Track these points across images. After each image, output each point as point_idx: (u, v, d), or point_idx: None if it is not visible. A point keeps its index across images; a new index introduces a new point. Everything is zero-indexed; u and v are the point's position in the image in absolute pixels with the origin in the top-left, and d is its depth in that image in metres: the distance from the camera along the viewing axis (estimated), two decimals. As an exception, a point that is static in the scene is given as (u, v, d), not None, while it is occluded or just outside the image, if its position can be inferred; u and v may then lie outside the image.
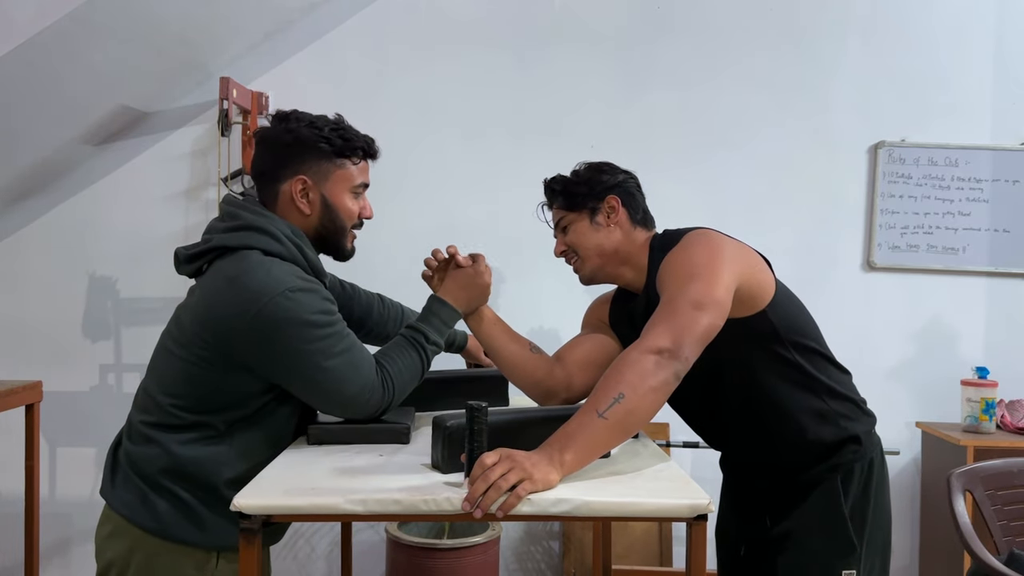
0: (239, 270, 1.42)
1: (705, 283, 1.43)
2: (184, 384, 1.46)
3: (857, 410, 1.63)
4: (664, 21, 3.02)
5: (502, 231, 2.97)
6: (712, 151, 3.02)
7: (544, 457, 1.24)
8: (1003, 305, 3.05)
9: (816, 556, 1.57)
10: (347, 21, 3.00)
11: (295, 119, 1.52)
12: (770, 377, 1.57)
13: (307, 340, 1.40)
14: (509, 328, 1.72)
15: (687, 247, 1.54)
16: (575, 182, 1.67)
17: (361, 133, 1.56)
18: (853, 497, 1.58)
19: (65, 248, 2.99)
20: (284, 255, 1.46)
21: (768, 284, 1.57)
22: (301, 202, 1.51)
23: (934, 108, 3.03)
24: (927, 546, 2.98)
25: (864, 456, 1.60)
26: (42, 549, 2.76)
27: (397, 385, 1.52)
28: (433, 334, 1.58)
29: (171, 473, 1.45)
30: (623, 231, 1.66)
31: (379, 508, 1.19)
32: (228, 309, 1.40)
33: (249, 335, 1.39)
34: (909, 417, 3.03)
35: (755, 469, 1.67)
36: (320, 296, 1.44)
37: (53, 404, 2.84)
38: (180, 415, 1.46)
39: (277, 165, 1.52)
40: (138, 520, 1.45)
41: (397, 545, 2.58)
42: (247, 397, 1.47)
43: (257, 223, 1.47)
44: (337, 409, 1.50)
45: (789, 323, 1.58)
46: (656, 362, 1.32)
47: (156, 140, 2.98)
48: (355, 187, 1.55)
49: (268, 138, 1.54)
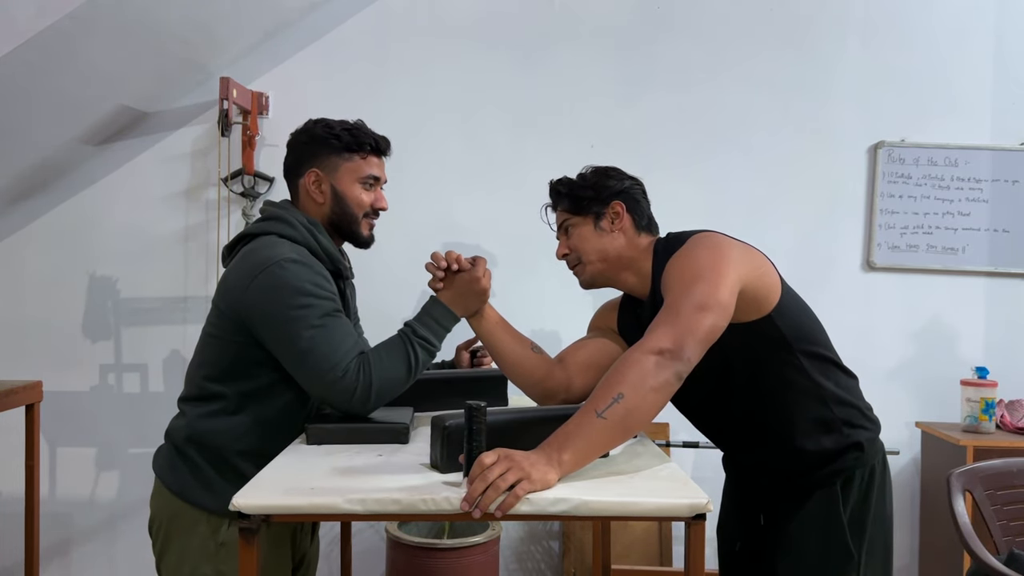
0: (249, 248, 1.61)
1: (709, 284, 1.42)
2: (209, 353, 1.64)
3: (862, 417, 1.62)
4: (664, 21, 3.03)
5: (502, 231, 2.97)
6: (712, 151, 3.02)
7: (542, 457, 1.24)
8: (1003, 305, 3.05)
9: (813, 564, 1.56)
10: (347, 21, 3.00)
11: (314, 123, 1.72)
12: (777, 384, 1.56)
13: (291, 306, 1.51)
14: (511, 327, 1.72)
15: (691, 249, 1.53)
16: (581, 185, 1.67)
17: (373, 133, 1.71)
18: (853, 504, 1.57)
19: (65, 248, 2.99)
20: (297, 239, 1.61)
21: (774, 287, 1.56)
22: (315, 193, 1.68)
23: (934, 108, 3.03)
24: (927, 546, 2.98)
25: (866, 463, 1.59)
26: (42, 549, 2.77)
27: (376, 374, 1.53)
28: (422, 330, 1.60)
29: (192, 442, 1.61)
30: (627, 237, 1.65)
31: (378, 508, 1.19)
32: (237, 280, 1.57)
33: (247, 299, 1.54)
34: (909, 417, 3.03)
35: (755, 469, 1.67)
36: (313, 271, 1.56)
37: (53, 404, 2.85)
38: (204, 385, 1.63)
39: (296, 162, 1.71)
40: (167, 483, 1.63)
41: (397, 545, 2.59)
42: (253, 365, 1.59)
43: (277, 214, 1.67)
44: (310, 382, 1.54)
45: (797, 329, 1.56)
46: (657, 363, 1.32)
47: (156, 140, 2.99)
48: (363, 178, 1.69)
49: (290, 141, 1.73)
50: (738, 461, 1.74)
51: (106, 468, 3.01)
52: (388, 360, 1.55)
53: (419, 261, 1.72)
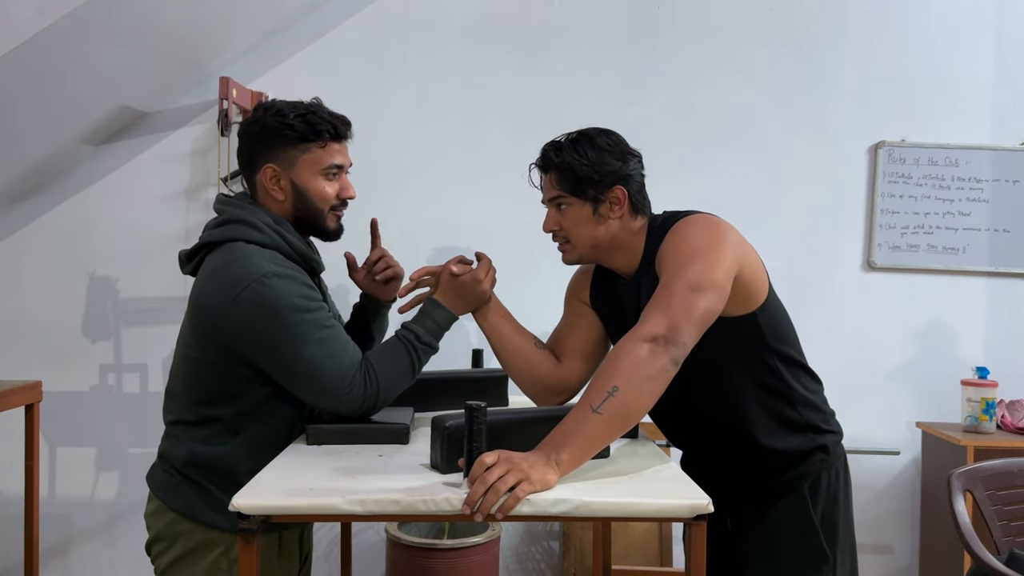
0: (220, 261, 1.48)
1: (705, 264, 1.39)
2: (196, 376, 1.54)
3: (827, 420, 1.61)
4: (664, 21, 3.02)
5: (502, 231, 2.97)
6: (712, 151, 3.02)
7: (541, 458, 1.24)
8: (1003, 305, 3.05)
9: (788, 566, 1.54)
10: (347, 21, 3.00)
11: (264, 109, 1.56)
12: (746, 381, 1.54)
13: (283, 326, 1.43)
14: (515, 321, 1.69)
15: (687, 228, 1.49)
16: (580, 163, 1.53)
17: (331, 114, 1.56)
18: (823, 506, 1.56)
19: (65, 248, 2.99)
20: (266, 243, 1.50)
21: (764, 284, 1.54)
22: (274, 189, 1.56)
23: (934, 108, 3.03)
24: (927, 546, 2.98)
25: (830, 465, 1.58)
26: (42, 549, 2.76)
27: (382, 381, 1.51)
28: (425, 335, 1.58)
29: (195, 466, 1.54)
30: (622, 222, 1.56)
31: (378, 508, 1.19)
32: (212, 299, 1.47)
33: (231, 322, 1.45)
34: (909, 417, 3.03)
35: (720, 471, 1.60)
36: (297, 282, 1.47)
37: (53, 404, 2.84)
38: (197, 410, 1.54)
39: (250, 156, 1.58)
40: (172, 505, 1.54)
41: (397, 545, 2.58)
42: (246, 384, 1.51)
43: (238, 215, 1.53)
44: (317, 399, 1.51)
45: (775, 330, 1.54)
46: (651, 350, 1.30)
47: (156, 140, 2.98)
48: (325, 169, 1.56)
49: (241, 132, 1.60)
50: (701, 462, 1.67)
51: (106, 468, 3.01)
52: (391, 364, 1.54)
53: (418, 262, 1.73)
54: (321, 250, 1.68)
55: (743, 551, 1.58)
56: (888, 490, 3.06)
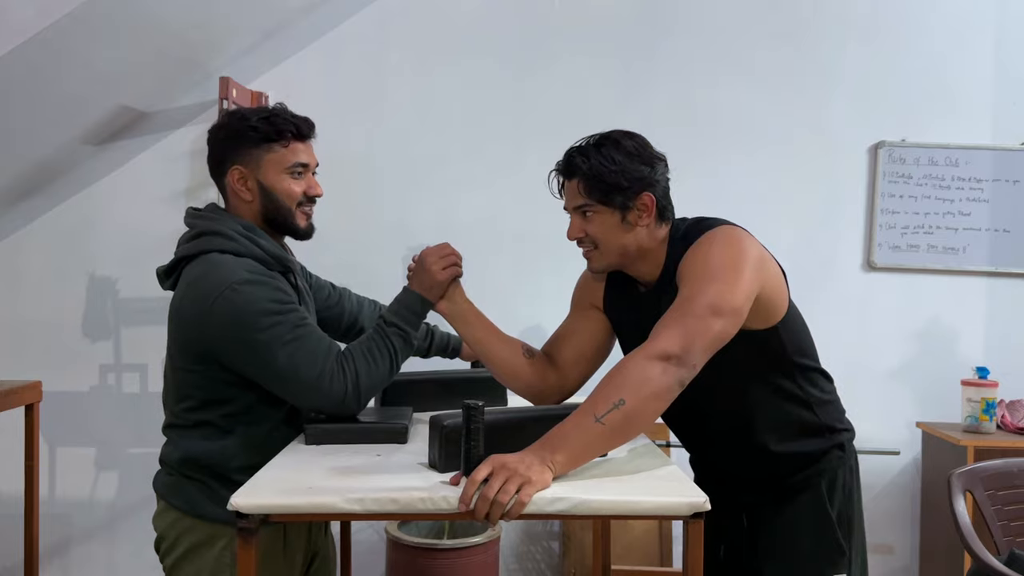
0: (196, 274, 1.53)
1: (726, 286, 1.37)
2: (183, 385, 1.58)
3: (842, 418, 1.62)
4: (664, 21, 3.02)
5: (502, 231, 2.96)
6: (712, 151, 3.01)
7: (536, 458, 1.23)
8: (1003, 305, 3.04)
9: (806, 563, 1.54)
10: (347, 21, 3.00)
11: (229, 115, 1.64)
12: (767, 392, 1.53)
13: (257, 330, 1.46)
14: (498, 331, 1.66)
15: (711, 244, 1.45)
16: (608, 170, 1.47)
17: (294, 116, 1.61)
18: (839, 502, 1.56)
19: (65, 248, 2.99)
20: (240, 251, 1.54)
21: (784, 298, 1.52)
22: (242, 191, 1.60)
23: (934, 108, 3.02)
24: (927, 546, 2.97)
25: (845, 462, 1.58)
26: (42, 549, 2.76)
27: (361, 371, 1.52)
28: (391, 316, 1.60)
29: (189, 462, 1.58)
30: (648, 230, 1.52)
31: (376, 507, 1.19)
32: (189, 311, 1.52)
33: (209, 331, 1.49)
34: (909, 417, 3.03)
35: (735, 472, 1.61)
36: (269, 287, 1.51)
37: (53, 404, 2.84)
38: (187, 416, 1.58)
39: (217, 161, 1.62)
40: (174, 503, 1.59)
41: (397, 545, 2.58)
42: (231, 388, 1.54)
43: (209, 227, 1.57)
44: (299, 397, 1.53)
45: (797, 343, 1.54)
46: (663, 369, 1.29)
47: (156, 140, 2.99)
48: (290, 168, 1.59)
49: (209, 138, 1.64)
50: (713, 462, 1.67)
51: (106, 468, 3.01)
52: (368, 354, 1.55)
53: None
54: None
55: (760, 548, 1.57)
56: (888, 490, 3.06)
